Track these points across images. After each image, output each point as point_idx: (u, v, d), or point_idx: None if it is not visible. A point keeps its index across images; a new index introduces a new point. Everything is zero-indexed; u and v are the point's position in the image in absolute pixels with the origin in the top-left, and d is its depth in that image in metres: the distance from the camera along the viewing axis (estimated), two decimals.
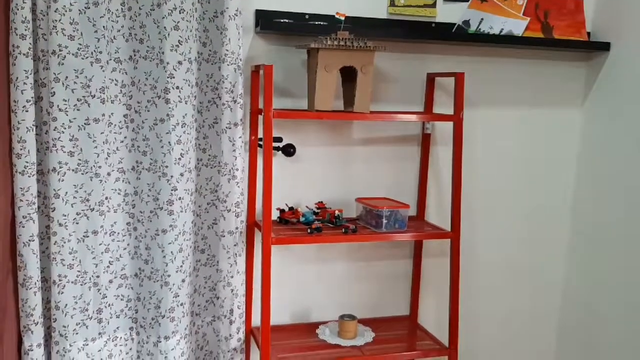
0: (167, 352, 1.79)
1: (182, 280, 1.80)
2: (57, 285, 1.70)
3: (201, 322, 1.93)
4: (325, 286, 2.09)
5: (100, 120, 1.68)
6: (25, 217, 1.64)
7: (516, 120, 2.16)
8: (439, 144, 2.11)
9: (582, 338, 2.23)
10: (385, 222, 1.84)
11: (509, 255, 2.24)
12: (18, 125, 1.60)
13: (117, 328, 1.81)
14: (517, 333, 2.31)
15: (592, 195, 2.18)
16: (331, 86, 1.75)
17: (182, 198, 1.78)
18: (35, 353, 1.71)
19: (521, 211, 2.23)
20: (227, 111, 1.79)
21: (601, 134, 2.14)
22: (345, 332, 1.92)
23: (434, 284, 2.17)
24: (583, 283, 2.22)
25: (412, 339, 1.99)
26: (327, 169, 2.02)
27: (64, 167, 1.67)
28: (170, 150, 1.74)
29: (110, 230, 1.76)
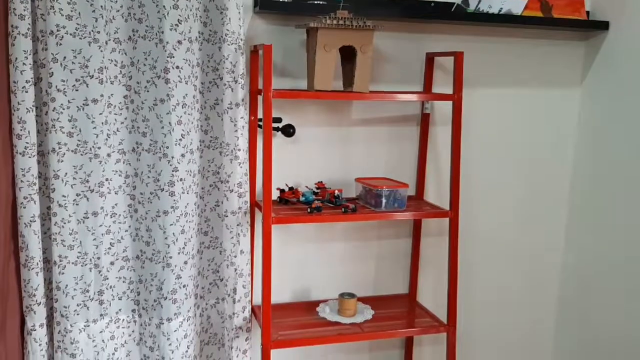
0: (169, 334, 1.81)
1: (185, 262, 1.81)
2: (58, 266, 1.71)
3: (205, 304, 1.94)
4: (325, 265, 2.11)
5: (99, 100, 1.68)
6: (26, 198, 1.65)
7: (515, 99, 2.17)
8: (438, 124, 2.11)
9: (580, 317, 2.26)
10: (384, 201, 1.85)
11: (507, 234, 2.26)
12: (18, 106, 1.60)
13: (119, 310, 1.83)
14: (515, 311, 2.33)
15: (590, 174, 2.19)
16: (330, 66, 1.75)
17: (184, 179, 1.78)
18: (38, 333, 1.72)
19: (520, 191, 2.24)
20: (228, 91, 1.79)
21: (600, 113, 2.15)
22: (345, 310, 1.94)
23: (433, 262, 2.19)
24: (581, 262, 2.24)
25: (411, 317, 2.01)
26: (327, 149, 2.02)
27: (63, 148, 1.67)
28: (171, 131, 1.74)
29: (111, 211, 1.77)
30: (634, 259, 2.01)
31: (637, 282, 2.00)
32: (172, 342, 1.81)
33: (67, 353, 1.73)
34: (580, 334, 2.25)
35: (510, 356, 2.36)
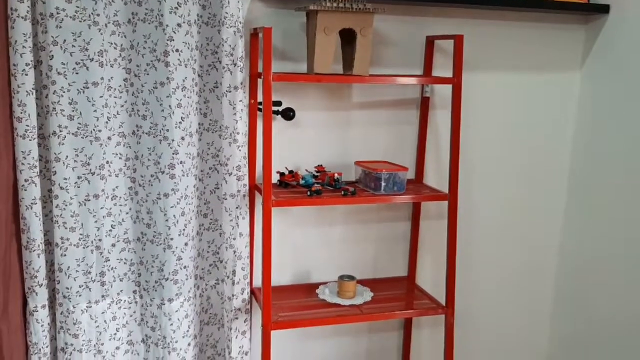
0: (170, 314, 1.83)
1: (185, 244, 1.82)
2: (60, 248, 1.72)
3: (205, 285, 1.96)
4: (325, 248, 2.12)
5: (99, 83, 1.68)
6: (27, 181, 1.66)
7: (515, 83, 2.17)
8: (438, 107, 2.11)
9: (577, 300, 2.28)
10: (384, 184, 1.86)
11: (505, 217, 2.28)
12: (18, 89, 1.60)
13: (121, 291, 1.85)
14: (513, 294, 2.36)
15: (589, 158, 2.20)
16: (330, 49, 1.75)
17: (184, 162, 1.79)
18: (40, 314, 1.74)
19: (518, 174, 2.25)
20: (227, 74, 1.79)
21: (599, 97, 2.15)
22: (344, 291, 1.95)
23: (432, 245, 2.21)
24: (579, 245, 2.26)
25: (410, 299, 2.03)
26: (327, 132, 2.03)
27: (63, 131, 1.68)
28: (171, 114, 1.75)
29: (111, 194, 1.78)
30: (632, 243, 2.02)
31: (634, 266, 2.01)
32: (174, 322, 1.83)
33: (69, 334, 1.76)
34: (577, 316, 2.28)
35: (507, 338, 2.39)
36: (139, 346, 1.89)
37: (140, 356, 1.90)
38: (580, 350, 2.26)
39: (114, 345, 1.85)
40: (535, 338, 2.42)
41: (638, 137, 1.99)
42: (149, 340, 1.88)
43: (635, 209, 2.00)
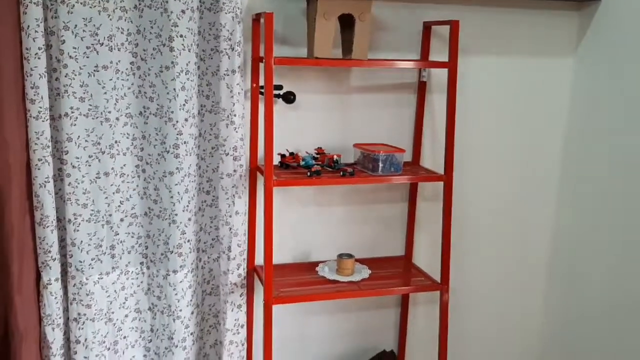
0: (175, 285, 1.92)
1: (189, 219, 1.91)
2: (73, 224, 1.81)
3: (207, 258, 2.05)
4: (324, 228, 2.20)
5: (108, 67, 1.76)
6: (40, 160, 1.74)
7: (509, 67, 2.23)
8: (434, 92, 2.18)
9: (570, 279, 2.35)
10: (381, 165, 1.93)
11: (499, 198, 2.34)
12: (31, 72, 1.68)
13: (129, 263, 1.94)
14: (506, 272, 2.43)
15: (582, 142, 2.26)
16: (330, 34, 1.82)
17: (187, 142, 1.87)
18: (53, 287, 1.83)
19: (512, 157, 2.32)
20: (224, 58, 1.86)
21: (592, 81, 2.20)
22: (343, 269, 2.03)
23: (428, 226, 2.28)
24: (572, 225, 2.32)
25: (406, 276, 2.11)
26: (326, 116, 2.10)
27: (75, 112, 1.76)
28: (175, 97, 1.82)
29: (120, 172, 1.87)
30: (625, 221, 2.08)
31: (626, 244, 2.08)
32: (178, 292, 1.92)
33: (82, 304, 1.85)
34: (570, 291, 2.34)
35: (500, 316, 2.46)
36: (146, 314, 1.99)
37: (147, 323, 2.00)
38: (573, 328, 2.33)
39: (123, 313, 1.95)
40: (529, 315, 2.49)
41: (629, 120, 2.05)
42: (155, 309, 1.98)
43: (627, 188, 2.06)
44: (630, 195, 2.04)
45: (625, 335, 2.08)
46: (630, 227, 2.04)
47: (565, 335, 2.37)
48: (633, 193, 2.03)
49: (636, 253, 2.02)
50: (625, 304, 2.08)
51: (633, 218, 2.03)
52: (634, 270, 2.03)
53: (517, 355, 2.51)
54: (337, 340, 2.30)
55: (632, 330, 2.05)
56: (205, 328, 2.10)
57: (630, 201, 2.04)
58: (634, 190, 2.02)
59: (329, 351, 2.30)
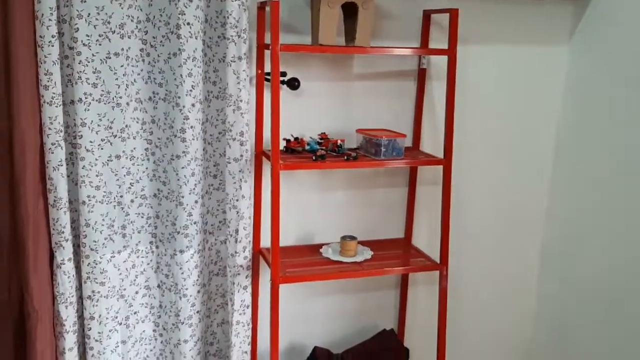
0: (182, 264, 1.99)
1: (195, 202, 1.97)
2: (87, 205, 1.87)
3: (214, 240, 2.12)
4: (327, 212, 2.27)
5: (120, 54, 1.82)
6: (54, 144, 1.80)
7: (506, 56, 2.29)
8: (434, 79, 2.24)
9: (564, 261, 2.42)
10: (383, 150, 2.00)
11: (496, 182, 2.41)
12: (45, 59, 1.73)
13: (139, 242, 2.01)
14: (502, 253, 2.50)
15: (576, 129, 2.33)
16: (334, 21, 1.88)
17: (194, 127, 1.93)
18: (66, 266, 1.89)
19: (508, 144, 2.39)
20: (231, 45, 1.91)
21: (586, 70, 2.27)
22: (346, 250, 2.10)
23: (427, 210, 2.35)
24: (565, 208, 2.39)
25: (407, 257, 2.18)
26: (329, 102, 2.16)
27: (89, 98, 1.82)
28: (182, 82, 1.88)
29: (130, 155, 1.93)
30: (616, 205, 2.15)
31: (617, 228, 2.15)
32: (185, 271, 1.99)
33: (96, 282, 1.92)
34: (562, 276, 2.42)
35: (496, 297, 2.54)
36: (155, 291, 2.07)
37: (157, 300, 2.07)
38: (565, 308, 2.41)
39: (134, 290, 2.02)
40: (523, 297, 2.57)
41: (622, 108, 2.11)
42: (163, 286, 2.05)
43: (620, 174, 2.13)
44: (623, 181, 2.11)
45: (617, 318, 2.15)
46: (623, 212, 2.11)
47: (558, 317, 2.44)
48: (625, 179, 2.10)
49: (629, 238, 2.09)
50: (617, 288, 2.15)
51: (626, 202, 2.10)
52: (626, 255, 2.10)
53: (511, 336, 2.59)
54: (339, 320, 2.38)
55: (623, 313, 2.13)
56: (213, 307, 2.17)
57: (622, 187, 2.11)
58: (626, 176, 2.09)
59: (331, 330, 2.37)
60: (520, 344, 2.60)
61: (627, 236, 2.10)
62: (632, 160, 2.06)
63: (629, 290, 2.10)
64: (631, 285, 2.08)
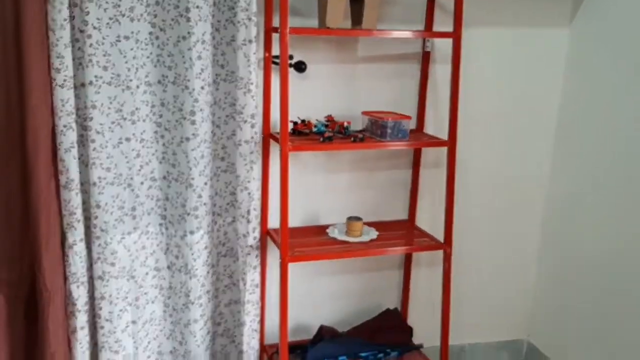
0: (192, 245, 2.03)
1: (205, 183, 2.01)
2: (97, 187, 1.90)
3: (222, 221, 2.15)
4: (333, 194, 2.30)
5: (130, 37, 1.84)
6: (65, 126, 1.82)
7: (509, 38, 2.32)
8: (438, 62, 2.27)
9: (562, 239, 2.47)
10: (389, 131, 2.03)
11: (498, 163, 2.45)
12: (56, 42, 1.75)
13: (149, 224, 2.04)
14: (503, 232, 2.54)
15: (577, 111, 2.36)
16: (341, 4, 1.90)
17: (203, 109, 1.95)
18: (78, 247, 1.93)
19: (510, 125, 2.42)
20: (242, 29, 1.94)
21: (587, 53, 2.30)
22: (352, 231, 2.14)
23: (430, 191, 2.39)
24: (565, 190, 2.43)
25: (411, 237, 2.22)
26: (335, 84, 2.19)
27: (99, 81, 1.84)
28: (192, 65, 1.90)
29: (140, 137, 1.95)
30: (616, 184, 2.20)
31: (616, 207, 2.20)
32: (195, 252, 2.03)
33: (107, 263, 1.95)
34: (561, 255, 2.47)
35: (497, 276, 2.59)
36: (165, 272, 2.10)
37: (166, 281, 2.11)
38: (564, 286, 2.46)
39: (144, 271, 2.06)
40: (523, 274, 2.61)
41: (622, 89, 2.15)
42: (173, 267, 2.09)
43: (618, 153, 2.17)
44: (623, 162, 2.14)
45: (613, 290, 2.21)
46: (622, 193, 2.15)
47: (557, 294, 2.49)
48: (625, 160, 2.14)
49: (627, 219, 2.14)
50: (614, 264, 2.21)
51: (625, 183, 2.14)
52: (624, 230, 2.15)
53: (512, 313, 2.65)
54: (345, 299, 2.42)
55: (619, 283, 2.18)
56: (221, 288, 2.22)
57: (622, 168, 2.15)
58: (627, 157, 2.13)
59: (336, 309, 2.42)
60: (521, 321, 2.66)
61: (626, 217, 2.14)
62: (633, 142, 2.10)
63: (626, 269, 2.15)
64: (629, 264, 2.13)
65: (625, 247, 2.15)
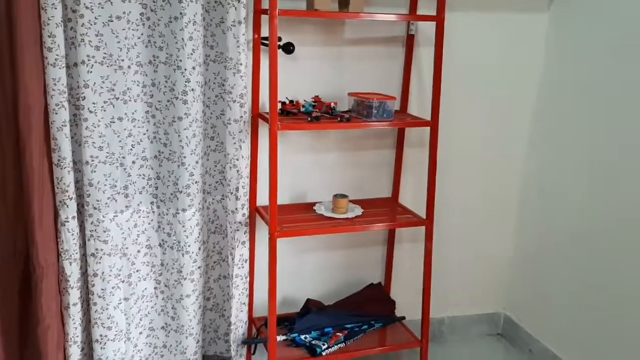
0: (184, 222, 2.08)
1: (196, 162, 2.05)
2: (90, 165, 1.94)
3: (212, 199, 2.20)
4: (319, 172, 2.37)
5: (122, 17, 1.87)
6: (57, 105, 1.85)
7: (489, 22, 2.39)
8: (422, 45, 2.34)
9: (539, 214, 2.57)
10: (375, 112, 2.09)
11: (477, 143, 2.53)
12: (48, 21, 1.77)
13: (140, 202, 2.09)
14: (482, 209, 2.63)
15: (555, 93, 2.44)
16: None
17: (194, 89, 1.99)
18: (70, 224, 1.96)
19: (490, 107, 2.50)
20: (231, 10, 1.98)
21: (565, 37, 2.38)
22: (338, 207, 2.21)
23: (413, 170, 2.46)
24: (541, 167, 2.52)
25: (394, 214, 2.30)
26: (322, 66, 2.24)
27: (91, 60, 1.87)
28: (183, 46, 1.94)
29: (132, 117, 1.99)
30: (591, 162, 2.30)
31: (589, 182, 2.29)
32: (187, 229, 2.08)
33: (100, 240, 1.99)
34: (536, 230, 2.57)
35: (475, 251, 2.68)
36: (157, 249, 2.15)
37: (158, 258, 2.16)
38: (539, 260, 2.57)
39: (136, 249, 2.10)
40: (501, 248, 2.72)
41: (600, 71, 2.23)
42: (165, 244, 2.13)
43: (593, 132, 2.25)
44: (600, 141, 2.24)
45: (587, 265, 2.31)
46: (596, 164, 2.24)
47: (533, 267, 2.60)
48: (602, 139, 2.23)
49: (600, 190, 2.24)
50: (589, 237, 2.31)
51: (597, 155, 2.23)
52: (598, 206, 2.25)
53: (489, 287, 2.76)
54: (330, 274, 2.50)
55: (593, 258, 2.29)
56: (210, 264, 2.28)
57: (594, 141, 2.24)
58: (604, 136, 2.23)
59: (323, 284, 2.50)
60: (498, 295, 2.77)
61: (600, 194, 2.24)
62: (608, 121, 2.19)
63: (601, 245, 2.25)
64: (603, 239, 2.24)
65: (599, 222, 2.24)
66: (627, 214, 2.12)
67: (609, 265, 2.21)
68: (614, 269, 2.18)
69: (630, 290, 2.12)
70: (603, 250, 2.23)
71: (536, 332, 2.59)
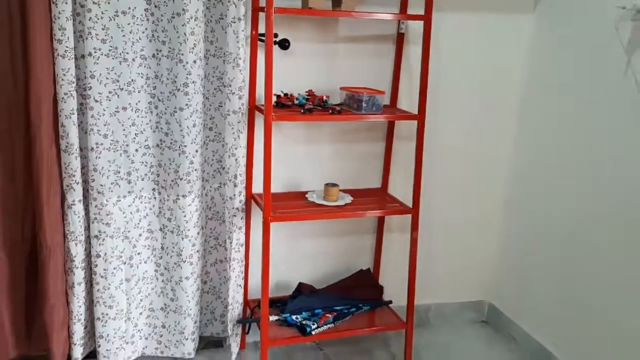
0: (184, 208, 2.20)
1: (196, 151, 2.17)
2: (95, 152, 2.06)
3: (210, 187, 2.32)
4: (312, 164, 2.48)
5: (127, 12, 1.99)
6: (66, 94, 1.97)
7: (475, 22, 2.50)
8: (411, 43, 2.45)
9: (524, 206, 2.69)
10: (365, 105, 2.21)
11: (464, 137, 2.64)
12: (59, 15, 1.89)
13: (143, 188, 2.20)
14: (469, 199, 2.74)
15: (539, 91, 2.54)
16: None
17: (195, 82, 2.11)
18: (76, 207, 2.08)
19: (476, 103, 2.61)
20: (232, 7, 2.09)
21: (549, 37, 2.47)
22: (329, 196, 2.33)
23: (402, 162, 2.57)
24: (526, 166, 2.65)
25: (383, 203, 2.42)
26: (316, 62, 2.36)
27: (98, 52, 1.98)
28: (185, 40, 2.06)
29: (136, 107, 2.11)
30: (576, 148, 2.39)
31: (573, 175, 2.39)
32: (187, 214, 2.20)
33: (103, 223, 2.11)
34: (522, 221, 2.67)
35: (462, 237, 2.79)
36: (157, 233, 2.27)
37: (158, 242, 2.28)
38: (523, 252, 2.68)
39: (137, 232, 2.22)
40: (487, 238, 2.83)
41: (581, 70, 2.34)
42: (165, 229, 2.25)
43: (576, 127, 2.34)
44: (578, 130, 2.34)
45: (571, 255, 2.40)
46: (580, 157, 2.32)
47: (518, 257, 2.72)
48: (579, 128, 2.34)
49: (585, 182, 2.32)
50: (573, 228, 2.41)
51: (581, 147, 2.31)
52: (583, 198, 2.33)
53: (474, 276, 2.87)
54: (322, 260, 2.62)
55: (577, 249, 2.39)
56: (207, 249, 2.40)
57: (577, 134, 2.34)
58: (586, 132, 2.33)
59: (314, 269, 2.62)
60: (483, 283, 2.89)
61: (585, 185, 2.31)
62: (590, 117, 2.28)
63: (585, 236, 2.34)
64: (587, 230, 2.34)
65: (584, 214, 2.32)
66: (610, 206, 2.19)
67: (592, 255, 2.28)
68: (597, 260, 2.26)
69: (611, 279, 2.19)
70: (586, 242, 2.31)
71: (520, 320, 2.70)
